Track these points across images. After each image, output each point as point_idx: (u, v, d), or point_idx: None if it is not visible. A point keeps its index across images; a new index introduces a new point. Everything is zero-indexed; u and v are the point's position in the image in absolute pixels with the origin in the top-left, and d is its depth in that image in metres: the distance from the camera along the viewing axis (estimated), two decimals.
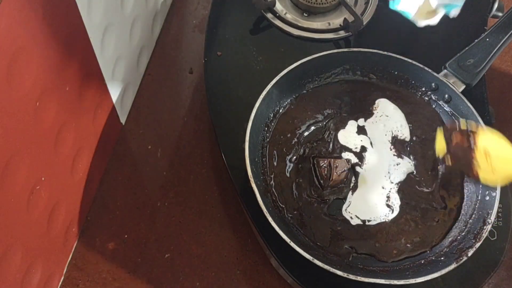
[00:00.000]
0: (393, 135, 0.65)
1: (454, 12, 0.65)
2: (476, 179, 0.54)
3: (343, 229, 0.59)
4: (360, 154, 0.63)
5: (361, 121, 0.66)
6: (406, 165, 0.63)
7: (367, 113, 0.67)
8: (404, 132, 0.65)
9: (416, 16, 0.64)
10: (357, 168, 0.62)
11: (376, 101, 0.67)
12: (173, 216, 0.71)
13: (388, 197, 0.61)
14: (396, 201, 0.61)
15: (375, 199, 0.61)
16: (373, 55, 0.67)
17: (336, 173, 0.59)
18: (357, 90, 0.69)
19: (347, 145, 0.64)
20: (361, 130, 0.65)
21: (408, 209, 0.61)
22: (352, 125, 0.66)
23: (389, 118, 0.66)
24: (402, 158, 0.63)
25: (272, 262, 0.64)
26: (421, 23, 0.64)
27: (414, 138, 0.65)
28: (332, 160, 0.60)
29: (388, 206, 0.61)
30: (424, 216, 0.60)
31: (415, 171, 0.62)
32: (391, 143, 0.64)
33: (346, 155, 0.63)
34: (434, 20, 0.65)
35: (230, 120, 0.66)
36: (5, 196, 0.48)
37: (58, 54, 0.53)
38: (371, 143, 0.64)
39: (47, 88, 0.52)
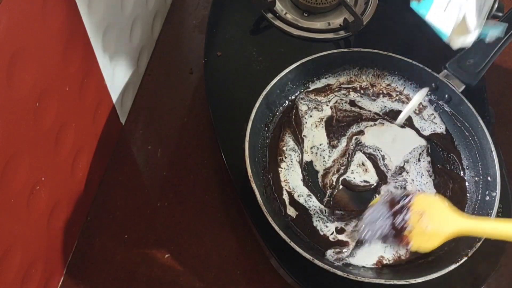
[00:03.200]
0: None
1: (491, 36, 0.58)
2: (406, 244, 0.50)
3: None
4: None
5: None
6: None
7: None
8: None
9: (452, 37, 0.55)
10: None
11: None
12: (173, 216, 0.71)
13: None
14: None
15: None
16: (373, 55, 0.67)
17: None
18: None
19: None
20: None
21: None
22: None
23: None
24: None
25: (272, 262, 0.64)
26: (456, 44, 0.56)
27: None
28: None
29: None
30: None
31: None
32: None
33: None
34: (468, 42, 0.56)
35: (230, 120, 0.66)
36: (5, 196, 0.48)
37: (58, 54, 0.53)
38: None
39: (47, 88, 0.52)
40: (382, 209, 0.51)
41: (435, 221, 0.49)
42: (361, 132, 0.65)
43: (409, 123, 0.66)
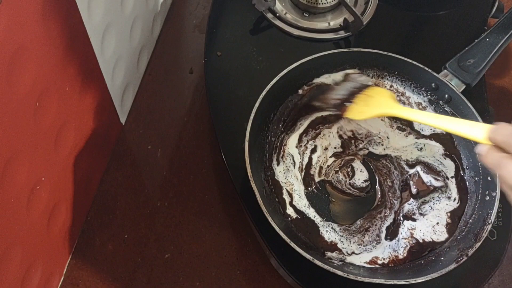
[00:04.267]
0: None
1: None
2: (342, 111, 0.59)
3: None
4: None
5: None
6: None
7: None
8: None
9: None
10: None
11: None
12: (173, 216, 0.71)
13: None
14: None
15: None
16: (373, 55, 0.67)
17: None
18: None
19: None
20: None
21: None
22: None
23: None
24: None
25: (272, 262, 0.64)
26: None
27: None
28: None
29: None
30: None
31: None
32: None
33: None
34: None
35: (230, 120, 0.66)
36: (5, 196, 0.48)
37: (58, 54, 0.53)
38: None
39: (47, 88, 0.52)
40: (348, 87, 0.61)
41: (375, 102, 0.58)
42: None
43: (409, 124, 0.66)
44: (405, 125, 0.66)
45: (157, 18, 0.85)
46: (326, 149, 0.63)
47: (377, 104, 0.57)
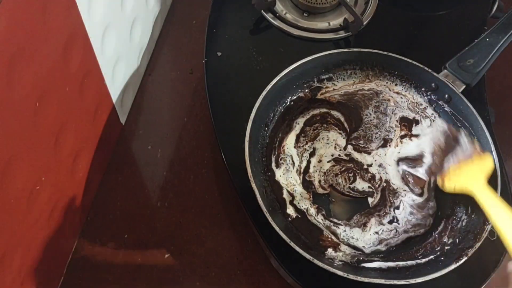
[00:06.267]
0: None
1: None
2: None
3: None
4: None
5: None
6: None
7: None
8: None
9: None
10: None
11: None
12: (173, 216, 0.71)
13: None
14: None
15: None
16: (373, 55, 0.67)
17: None
18: None
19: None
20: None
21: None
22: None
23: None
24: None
25: (272, 262, 0.64)
26: None
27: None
28: None
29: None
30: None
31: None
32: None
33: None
34: None
35: (230, 120, 0.66)
36: (5, 196, 0.48)
37: (58, 54, 0.53)
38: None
39: (47, 88, 0.52)
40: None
41: (464, 172, 0.57)
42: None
43: (408, 125, 0.66)
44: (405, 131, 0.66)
45: (157, 18, 0.85)
46: (320, 161, 0.63)
47: (466, 177, 0.56)
